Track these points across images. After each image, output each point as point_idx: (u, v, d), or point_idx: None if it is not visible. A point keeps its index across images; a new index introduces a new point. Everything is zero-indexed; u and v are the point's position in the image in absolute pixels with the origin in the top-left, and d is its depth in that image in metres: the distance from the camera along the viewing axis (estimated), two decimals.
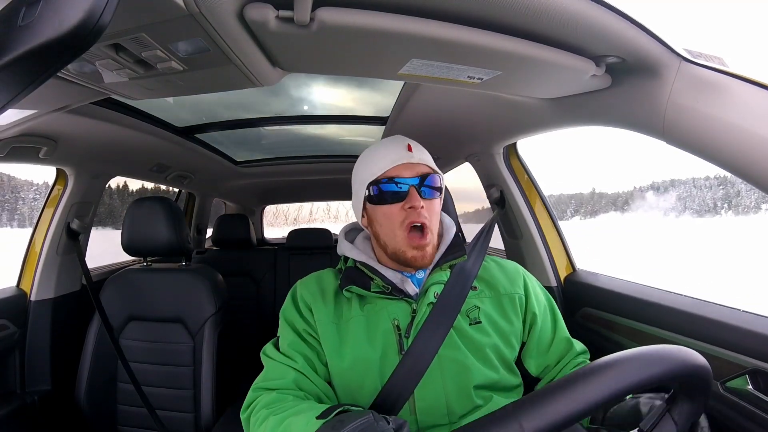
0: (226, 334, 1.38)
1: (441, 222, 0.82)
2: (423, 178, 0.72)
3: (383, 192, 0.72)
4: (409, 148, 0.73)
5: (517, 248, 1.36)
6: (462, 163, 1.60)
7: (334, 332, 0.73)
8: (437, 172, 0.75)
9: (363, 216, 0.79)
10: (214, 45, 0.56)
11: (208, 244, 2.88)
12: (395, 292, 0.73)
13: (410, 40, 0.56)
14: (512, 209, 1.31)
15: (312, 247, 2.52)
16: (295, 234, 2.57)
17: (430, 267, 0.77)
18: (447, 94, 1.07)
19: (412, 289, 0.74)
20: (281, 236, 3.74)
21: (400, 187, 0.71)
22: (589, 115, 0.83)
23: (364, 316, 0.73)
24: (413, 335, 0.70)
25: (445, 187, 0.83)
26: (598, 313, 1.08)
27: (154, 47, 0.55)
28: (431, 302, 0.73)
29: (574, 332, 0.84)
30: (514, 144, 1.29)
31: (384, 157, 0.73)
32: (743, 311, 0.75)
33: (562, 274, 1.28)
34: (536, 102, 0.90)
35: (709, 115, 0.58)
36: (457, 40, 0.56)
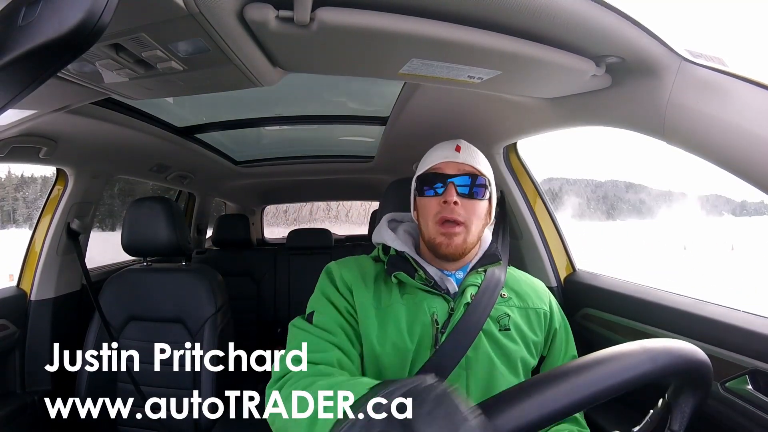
0: (226, 334, 1.37)
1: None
2: (465, 176, 0.75)
3: (425, 184, 0.77)
4: (458, 149, 0.77)
5: (517, 248, 1.35)
6: None
7: (374, 317, 0.74)
8: (483, 175, 0.77)
9: (414, 209, 0.83)
10: (214, 45, 0.56)
11: (207, 244, 2.88)
12: (435, 287, 0.75)
13: (410, 40, 0.56)
14: (512, 209, 1.31)
15: (312, 247, 2.51)
16: (295, 234, 2.57)
17: (468, 269, 0.79)
18: (447, 94, 1.06)
19: (453, 287, 0.77)
20: (281, 236, 3.74)
21: (440, 182, 0.75)
22: (589, 115, 0.83)
23: (404, 305, 0.75)
24: (448, 332, 0.72)
25: None
26: (598, 313, 1.08)
27: (154, 47, 0.55)
28: (467, 302, 0.75)
29: (574, 333, 0.84)
30: (514, 144, 1.29)
31: (433, 154, 0.79)
32: (743, 311, 0.75)
33: (562, 275, 1.28)
34: (536, 102, 0.90)
35: (709, 115, 0.58)
36: (457, 40, 0.56)
